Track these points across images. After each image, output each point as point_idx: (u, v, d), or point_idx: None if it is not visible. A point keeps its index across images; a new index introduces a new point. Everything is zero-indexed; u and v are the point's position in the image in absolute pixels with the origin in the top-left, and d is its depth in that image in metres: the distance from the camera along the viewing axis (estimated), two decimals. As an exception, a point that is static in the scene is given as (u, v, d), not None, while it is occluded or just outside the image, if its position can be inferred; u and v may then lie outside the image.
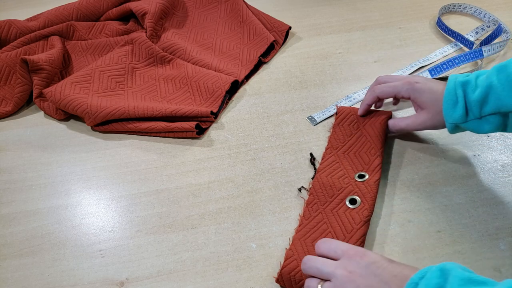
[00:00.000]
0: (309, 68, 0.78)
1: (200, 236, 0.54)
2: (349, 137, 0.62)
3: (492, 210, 0.55)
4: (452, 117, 0.53)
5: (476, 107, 0.51)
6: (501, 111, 0.50)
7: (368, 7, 0.91)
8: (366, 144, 0.61)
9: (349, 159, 0.60)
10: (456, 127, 0.54)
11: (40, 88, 0.71)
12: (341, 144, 0.62)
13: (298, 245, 0.50)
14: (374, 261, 0.41)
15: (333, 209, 0.54)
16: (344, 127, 0.64)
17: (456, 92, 0.52)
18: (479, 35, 0.83)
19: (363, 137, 0.62)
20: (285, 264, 0.49)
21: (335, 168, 0.59)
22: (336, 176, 0.57)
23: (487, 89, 0.50)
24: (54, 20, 0.81)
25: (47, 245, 0.54)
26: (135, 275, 0.51)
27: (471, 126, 0.53)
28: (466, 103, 0.52)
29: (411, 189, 0.58)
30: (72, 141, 0.67)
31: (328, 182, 0.57)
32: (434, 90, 0.55)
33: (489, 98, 0.50)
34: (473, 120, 0.52)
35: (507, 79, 0.48)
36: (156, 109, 0.65)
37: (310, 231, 0.52)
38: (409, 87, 0.57)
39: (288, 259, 0.49)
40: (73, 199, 0.59)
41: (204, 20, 0.86)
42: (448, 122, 0.54)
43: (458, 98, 0.52)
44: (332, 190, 0.56)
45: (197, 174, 0.61)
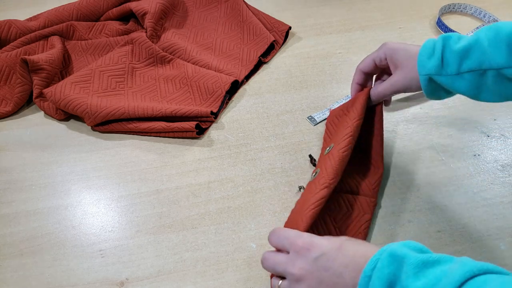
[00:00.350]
0: (309, 68, 0.78)
1: (200, 236, 0.54)
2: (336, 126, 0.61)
3: (492, 210, 0.55)
4: (425, 68, 0.50)
5: (456, 59, 0.48)
6: (482, 67, 0.46)
7: (368, 7, 0.91)
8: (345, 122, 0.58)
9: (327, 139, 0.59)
10: (429, 81, 0.50)
11: (40, 88, 0.71)
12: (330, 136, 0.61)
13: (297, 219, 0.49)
14: (322, 252, 0.40)
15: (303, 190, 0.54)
16: (335, 122, 0.62)
17: (434, 44, 0.50)
18: (479, 35, 0.82)
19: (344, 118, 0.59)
20: None
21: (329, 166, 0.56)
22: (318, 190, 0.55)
23: (472, 42, 0.47)
24: (54, 20, 0.81)
25: (47, 245, 0.54)
26: (135, 275, 0.51)
27: (446, 81, 0.49)
28: (443, 55, 0.49)
29: (411, 189, 0.58)
30: (72, 141, 0.67)
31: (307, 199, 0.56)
32: (410, 49, 0.53)
33: (472, 52, 0.47)
34: (450, 75, 0.49)
35: (496, 36, 0.45)
36: (156, 109, 0.65)
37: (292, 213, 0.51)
38: (384, 48, 0.55)
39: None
40: (73, 199, 0.59)
41: (204, 20, 0.86)
42: (422, 74, 0.50)
43: (435, 50, 0.50)
44: None
45: (197, 174, 0.61)
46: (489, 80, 0.47)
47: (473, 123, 0.66)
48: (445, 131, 0.65)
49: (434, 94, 0.52)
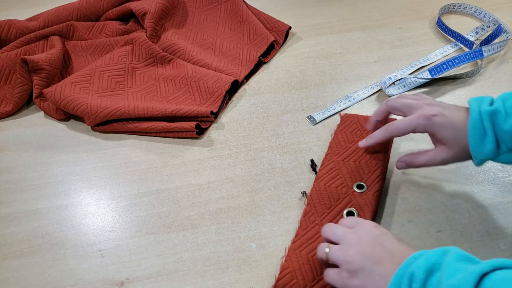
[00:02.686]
0: (309, 68, 0.78)
1: (200, 236, 0.54)
2: (350, 143, 0.60)
3: (492, 210, 0.55)
4: (482, 153, 0.47)
5: (510, 138, 0.45)
6: None
7: (368, 7, 0.91)
8: (368, 153, 0.59)
9: (348, 166, 0.58)
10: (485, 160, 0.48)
11: (40, 88, 0.71)
12: (342, 150, 0.60)
13: (293, 257, 0.49)
14: (384, 233, 0.43)
15: (331, 221, 0.52)
16: (347, 134, 0.62)
17: (483, 124, 0.46)
18: (479, 35, 0.83)
19: None
20: (280, 277, 0.47)
21: (333, 175, 0.57)
22: (335, 185, 0.56)
23: None
24: (54, 20, 0.81)
25: (47, 245, 0.54)
26: (135, 275, 0.51)
27: (504, 159, 0.47)
28: (496, 136, 0.46)
29: (411, 189, 0.58)
30: (72, 141, 0.67)
31: (326, 192, 0.55)
32: (456, 124, 0.48)
33: None
34: (506, 152, 0.46)
35: None
36: (156, 109, 0.65)
37: (306, 243, 0.50)
38: (425, 123, 0.50)
39: (283, 271, 0.48)
40: (73, 199, 0.59)
41: (204, 20, 0.86)
42: (477, 158, 0.48)
43: (486, 131, 0.46)
44: (330, 200, 0.54)
45: (197, 174, 0.61)
46: None
47: (473, 123, 0.66)
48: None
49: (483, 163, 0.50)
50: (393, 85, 0.72)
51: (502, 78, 0.74)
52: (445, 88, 0.72)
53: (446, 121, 0.49)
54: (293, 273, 0.47)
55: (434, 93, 0.71)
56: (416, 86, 0.72)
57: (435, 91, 0.72)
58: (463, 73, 0.73)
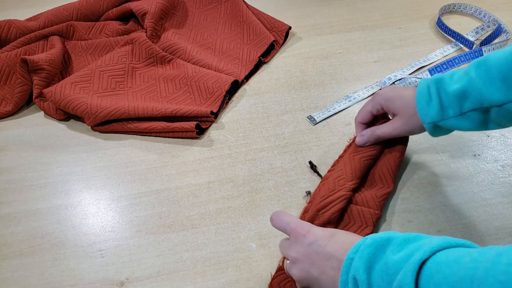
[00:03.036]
0: (309, 68, 0.78)
1: (200, 236, 0.54)
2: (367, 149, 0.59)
3: (492, 210, 0.55)
4: (428, 116, 0.51)
5: (455, 102, 0.49)
6: (483, 105, 0.47)
7: (368, 7, 0.91)
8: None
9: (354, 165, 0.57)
10: (435, 127, 0.51)
11: (40, 88, 0.71)
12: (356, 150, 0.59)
13: None
14: (316, 239, 0.43)
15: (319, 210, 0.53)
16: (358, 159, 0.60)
17: (429, 89, 0.50)
18: (479, 35, 0.83)
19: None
20: (275, 276, 0.49)
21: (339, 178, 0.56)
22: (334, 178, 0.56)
23: (467, 83, 0.48)
24: (54, 20, 0.81)
25: (47, 245, 0.54)
26: (135, 275, 0.51)
27: (451, 124, 0.50)
28: (440, 99, 0.50)
29: (411, 189, 0.58)
30: (72, 141, 0.67)
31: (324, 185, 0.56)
32: (404, 95, 0.53)
33: (469, 93, 0.47)
34: (453, 117, 0.49)
35: (487, 73, 0.46)
36: (156, 109, 0.65)
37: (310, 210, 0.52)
38: (378, 99, 0.56)
39: (278, 271, 0.49)
40: (73, 199, 0.59)
41: (204, 20, 0.86)
42: (426, 122, 0.51)
43: (431, 95, 0.50)
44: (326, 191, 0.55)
45: (197, 174, 0.61)
46: (494, 115, 0.48)
47: (473, 123, 0.66)
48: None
49: (440, 134, 0.54)
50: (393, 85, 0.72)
51: (502, 78, 0.74)
52: (445, 88, 0.72)
53: (396, 94, 0.54)
54: None
55: (434, 93, 0.71)
56: (416, 86, 0.72)
57: (435, 91, 0.72)
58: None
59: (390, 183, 0.56)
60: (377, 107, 0.56)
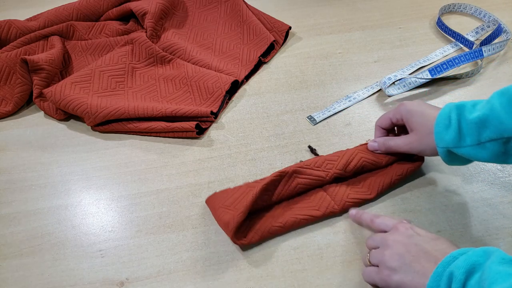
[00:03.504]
0: (309, 68, 0.78)
1: (200, 236, 0.54)
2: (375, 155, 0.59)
3: (492, 210, 0.55)
4: (443, 140, 0.49)
5: (473, 130, 0.47)
6: (503, 136, 0.45)
7: (368, 7, 0.91)
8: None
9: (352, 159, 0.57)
10: (449, 153, 0.50)
11: (40, 88, 0.71)
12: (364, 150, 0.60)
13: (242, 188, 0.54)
14: (420, 233, 0.45)
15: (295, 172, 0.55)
16: None
17: (450, 115, 0.49)
18: (479, 35, 0.83)
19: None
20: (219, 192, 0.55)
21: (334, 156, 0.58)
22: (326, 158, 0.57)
23: (488, 112, 0.46)
24: (54, 20, 0.81)
25: (47, 245, 0.54)
26: (135, 275, 0.51)
27: (467, 152, 0.48)
28: (460, 126, 0.48)
29: (411, 189, 0.58)
30: (72, 141, 0.67)
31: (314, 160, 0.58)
32: (426, 113, 0.52)
33: (490, 122, 0.46)
34: (470, 146, 0.47)
35: (510, 102, 0.44)
36: (156, 109, 0.65)
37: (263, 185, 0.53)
38: (401, 108, 0.55)
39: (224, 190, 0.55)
40: (73, 199, 0.59)
41: (204, 20, 0.86)
42: (439, 146, 0.50)
43: (451, 121, 0.49)
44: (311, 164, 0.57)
45: (197, 174, 0.61)
46: None
47: (473, 123, 0.66)
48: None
49: (454, 162, 0.52)
50: (393, 85, 0.72)
51: (502, 78, 0.74)
52: (445, 88, 0.72)
53: (419, 109, 0.53)
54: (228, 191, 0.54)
55: (434, 93, 0.71)
56: (416, 86, 0.72)
57: (435, 91, 0.72)
58: (463, 73, 0.73)
59: (373, 192, 0.56)
60: (397, 116, 0.56)
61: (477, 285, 0.36)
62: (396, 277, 0.43)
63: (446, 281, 0.38)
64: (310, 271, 0.50)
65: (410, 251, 0.43)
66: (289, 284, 0.49)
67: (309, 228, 0.54)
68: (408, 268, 0.42)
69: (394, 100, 0.71)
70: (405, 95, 0.71)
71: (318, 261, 0.51)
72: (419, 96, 0.71)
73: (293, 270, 0.50)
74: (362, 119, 0.68)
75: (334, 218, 0.55)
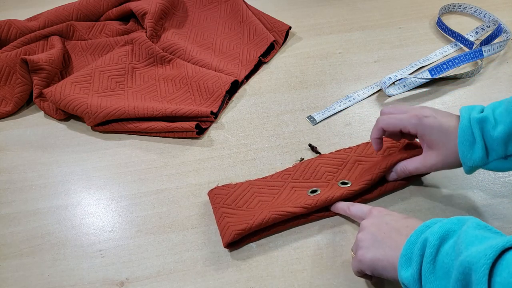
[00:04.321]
0: (309, 68, 0.78)
1: (200, 236, 0.54)
2: (376, 156, 0.59)
3: (492, 210, 0.55)
4: (471, 160, 0.47)
5: (500, 146, 0.45)
6: None
7: (368, 7, 0.91)
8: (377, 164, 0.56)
9: (353, 169, 0.58)
10: (474, 168, 0.48)
11: (40, 88, 0.71)
12: (364, 155, 0.59)
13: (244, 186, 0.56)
14: (390, 213, 0.46)
15: (294, 187, 0.56)
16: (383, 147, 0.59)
17: (472, 130, 0.46)
18: (479, 35, 0.83)
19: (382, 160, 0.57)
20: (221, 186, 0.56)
21: (335, 164, 0.58)
22: (327, 170, 0.58)
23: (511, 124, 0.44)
24: (54, 20, 0.81)
25: (47, 245, 0.54)
26: (135, 275, 0.51)
27: (493, 167, 0.47)
28: (486, 143, 0.46)
29: (411, 189, 0.58)
30: (72, 141, 0.67)
31: (315, 168, 0.58)
32: (445, 127, 0.48)
33: None
34: (496, 160, 0.46)
35: None
36: (156, 109, 0.65)
37: (264, 186, 0.56)
38: (416, 122, 0.50)
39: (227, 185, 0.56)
40: (73, 199, 0.59)
41: (204, 20, 0.86)
42: (467, 165, 0.47)
43: (475, 137, 0.46)
44: (311, 176, 0.57)
45: (197, 174, 0.61)
46: None
47: (473, 123, 0.66)
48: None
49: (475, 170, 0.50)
50: (393, 85, 0.72)
51: (502, 78, 0.74)
52: (445, 88, 0.72)
53: (437, 124, 0.49)
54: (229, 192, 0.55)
55: (434, 93, 0.71)
56: (416, 86, 0.72)
57: (435, 91, 0.72)
58: (463, 73, 0.73)
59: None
60: (410, 129, 0.51)
61: (451, 249, 0.36)
62: (369, 254, 0.43)
63: (420, 246, 0.38)
64: (310, 271, 0.50)
65: (381, 229, 0.44)
66: (289, 284, 0.49)
67: (309, 228, 0.54)
68: (380, 244, 0.43)
69: (394, 100, 0.71)
70: (405, 95, 0.71)
71: (318, 261, 0.51)
72: (419, 96, 0.71)
73: (293, 270, 0.50)
74: (362, 119, 0.68)
75: (334, 218, 0.55)
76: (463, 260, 0.34)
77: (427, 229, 0.39)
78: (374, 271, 0.43)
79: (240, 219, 0.52)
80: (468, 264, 0.33)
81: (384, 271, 0.42)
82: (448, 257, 0.36)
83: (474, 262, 0.33)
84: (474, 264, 0.33)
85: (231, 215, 0.53)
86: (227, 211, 0.53)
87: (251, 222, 0.51)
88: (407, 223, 0.44)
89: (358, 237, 0.46)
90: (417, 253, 0.38)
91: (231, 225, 0.51)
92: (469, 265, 0.33)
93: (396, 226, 0.44)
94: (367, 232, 0.45)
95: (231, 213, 0.53)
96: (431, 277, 0.37)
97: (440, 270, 0.36)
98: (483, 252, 0.33)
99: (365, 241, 0.45)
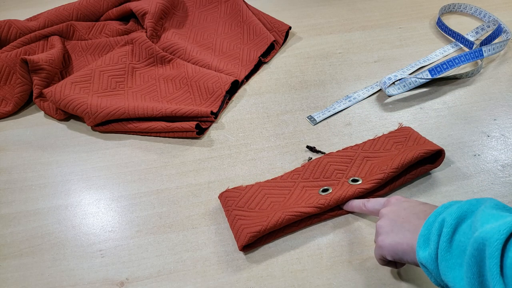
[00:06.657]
0: (309, 68, 0.78)
1: (200, 236, 0.54)
2: (384, 151, 0.59)
3: (492, 210, 0.55)
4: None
5: None
6: None
7: (368, 7, 0.91)
8: (389, 162, 0.56)
9: (363, 165, 0.58)
10: None
11: (40, 88, 0.71)
12: (371, 151, 0.60)
13: (254, 188, 0.56)
14: (408, 200, 0.47)
15: (305, 186, 0.56)
16: (389, 142, 0.60)
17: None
18: (479, 35, 0.83)
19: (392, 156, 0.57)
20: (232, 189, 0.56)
21: (344, 162, 0.58)
22: (336, 168, 0.58)
23: None
24: (54, 20, 0.81)
25: (47, 245, 0.54)
26: (135, 275, 0.51)
27: None
28: None
29: (411, 189, 0.58)
30: (72, 141, 0.67)
31: (324, 167, 0.58)
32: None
33: None
34: None
35: None
36: (156, 109, 0.65)
37: (274, 187, 0.56)
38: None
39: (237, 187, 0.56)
40: (73, 199, 0.59)
41: (204, 20, 0.86)
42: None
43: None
44: (321, 174, 0.57)
45: (197, 174, 0.61)
46: None
47: (473, 123, 0.66)
48: (445, 131, 0.65)
49: None
50: (393, 85, 0.72)
51: (502, 78, 0.74)
52: (445, 88, 0.72)
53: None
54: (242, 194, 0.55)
55: (434, 93, 0.72)
56: (416, 86, 0.72)
57: (435, 91, 0.72)
58: (463, 73, 0.73)
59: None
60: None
61: (468, 228, 0.36)
62: (389, 239, 0.44)
63: (438, 226, 0.38)
64: (310, 271, 0.50)
65: (400, 215, 0.45)
66: (289, 284, 0.49)
67: (309, 228, 0.54)
68: (399, 229, 0.43)
69: (394, 100, 0.71)
70: (405, 95, 0.71)
71: (318, 261, 0.51)
72: (419, 96, 0.71)
73: (293, 270, 0.50)
74: (362, 119, 0.68)
75: (334, 218, 0.55)
76: (478, 236, 0.34)
77: (445, 210, 0.39)
78: (395, 255, 0.43)
79: (253, 221, 0.51)
80: (482, 240, 0.34)
81: (404, 255, 0.42)
82: (464, 236, 0.36)
83: (488, 237, 0.33)
84: (487, 239, 0.33)
85: (244, 217, 0.52)
86: (240, 213, 0.53)
87: (266, 223, 0.51)
88: (425, 208, 0.44)
89: (377, 225, 0.46)
90: (435, 233, 0.38)
91: (245, 228, 0.51)
92: (483, 241, 0.33)
93: (414, 211, 0.44)
94: (386, 219, 0.46)
95: (244, 215, 0.52)
96: (447, 255, 0.37)
97: (456, 249, 0.36)
98: (497, 228, 0.33)
99: (384, 227, 0.45)
